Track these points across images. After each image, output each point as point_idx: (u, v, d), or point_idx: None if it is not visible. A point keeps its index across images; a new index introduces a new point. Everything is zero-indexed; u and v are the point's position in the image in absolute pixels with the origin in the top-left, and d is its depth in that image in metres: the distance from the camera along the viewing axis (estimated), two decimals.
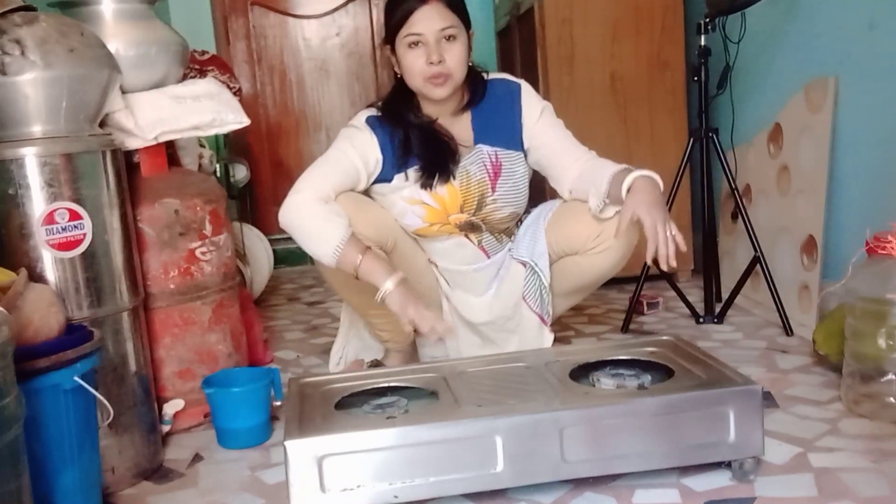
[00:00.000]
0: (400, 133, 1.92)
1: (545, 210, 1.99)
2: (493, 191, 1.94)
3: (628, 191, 1.73)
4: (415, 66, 1.84)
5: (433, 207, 1.94)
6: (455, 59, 1.84)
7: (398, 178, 1.93)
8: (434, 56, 1.81)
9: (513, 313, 2.02)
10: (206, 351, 1.95)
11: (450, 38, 1.83)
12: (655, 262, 1.66)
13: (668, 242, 1.65)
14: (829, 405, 1.79)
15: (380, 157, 1.91)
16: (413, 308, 1.75)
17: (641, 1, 2.89)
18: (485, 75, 1.98)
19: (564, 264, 1.95)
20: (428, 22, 1.81)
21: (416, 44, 1.83)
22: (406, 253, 2.00)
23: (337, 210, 1.83)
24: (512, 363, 1.69)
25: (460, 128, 1.95)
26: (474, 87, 1.95)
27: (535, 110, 1.95)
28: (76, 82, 1.56)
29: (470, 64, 1.91)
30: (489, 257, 2.03)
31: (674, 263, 1.66)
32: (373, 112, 1.94)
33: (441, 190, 1.92)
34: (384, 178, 1.93)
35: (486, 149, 1.94)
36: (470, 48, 1.90)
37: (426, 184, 1.91)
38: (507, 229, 2.05)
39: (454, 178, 1.93)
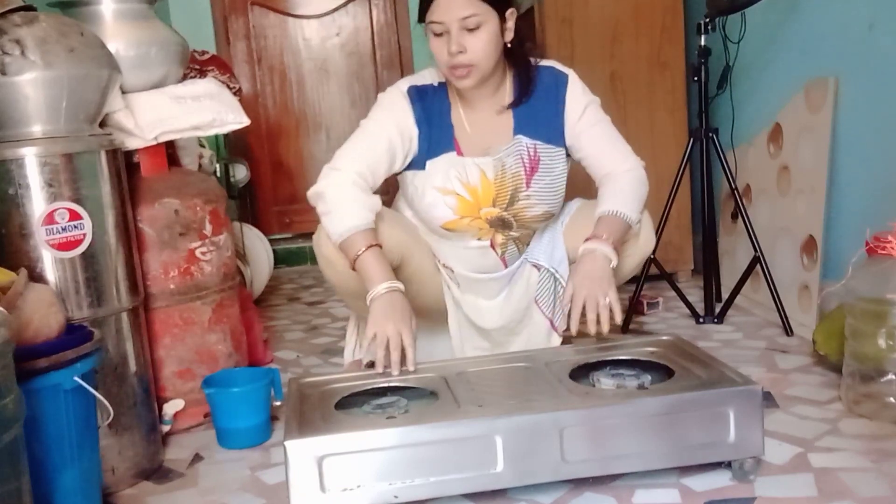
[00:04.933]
0: (437, 111, 1.86)
1: (563, 212, 1.96)
2: (528, 186, 1.85)
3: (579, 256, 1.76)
4: (439, 56, 1.76)
5: (465, 199, 1.84)
6: (479, 49, 1.73)
7: (430, 165, 1.85)
8: (454, 46, 1.72)
9: (522, 316, 1.99)
10: (206, 351, 1.95)
11: (473, 27, 1.72)
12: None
13: (598, 318, 1.69)
14: (829, 405, 1.79)
15: (415, 132, 1.85)
16: (392, 326, 1.62)
17: (641, 1, 2.89)
18: (534, 61, 1.88)
19: None
20: (449, 10, 1.71)
21: (439, 33, 1.74)
22: (414, 259, 1.93)
23: (370, 204, 1.77)
24: (512, 363, 1.69)
25: (494, 123, 1.87)
26: (521, 81, 1.86)
27: (578, 105, 1.87)
28: (76, 82, 1.56)
29: (509, 45, 1.79)
30: (506, 267, 1.97)
31: (605, 329, 1.69)
32: (417, 82, 1.87)
33: (474, 180, 1.84)
34: (417, 164, 1.86)
35: (525, 141, 1.85)
36: (505, 32, 1.77)
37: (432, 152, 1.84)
38: (529, 236, 1.97)
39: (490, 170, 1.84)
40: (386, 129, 1.83)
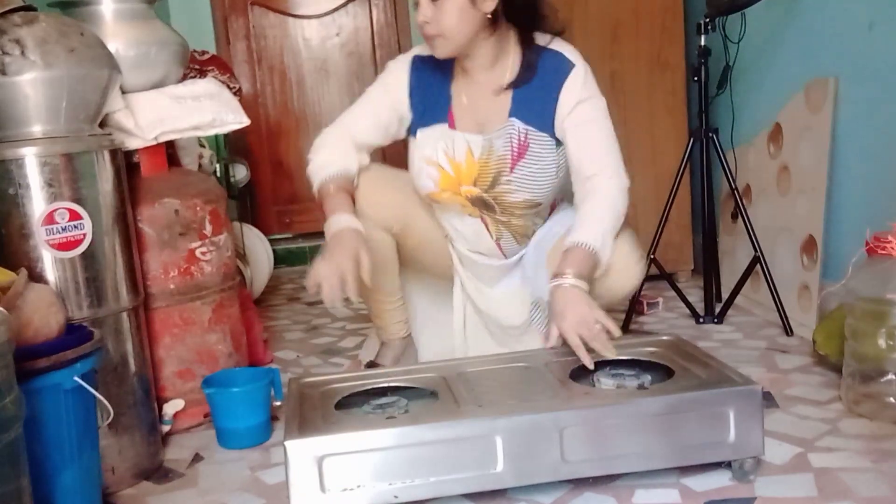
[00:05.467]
0: (438, 81, 1.85)
1: (550, 234, 1.89)
2: (511, 171, 1.81)
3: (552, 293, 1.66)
4: (418, 27, 1.75)
5: (447, 173, 1.84)
6: (443, 20, 1.69)
7: (421, 134, 1.87)
8: (419, 16, 1.71)
9: (519, 332, 1.98)
10: (206, 351, 1.95)
11: None
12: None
13: (596, 340, 1.59)
14: (829, 405, 1.79)
15: (407, 100, 1.87)
16: (340, 258, 1.65)
17: (641, 1, 2.89)
18: (545, 42, 1.80)
19: None
20: None
21: (416, 2, 1.72)
22: (420, 228, 1.95)
23: (351, 153, 1.87)
24: (512, 363, 1.69)
25: (492, 101, 1.83)
26: (525, 62, 1.79)
27: (571, 99, 1.78)
28: (76, 82, 1.56)
29: (490, 16, 1.72)
30: (506, 257, 1.95)
31: (611, 353, 1.59)
32: (425, 51, 1.84)
33: (460, 156, 1.82)
34: (411, 131, 1.90)
35: (518, 125, 1.80)
36: (480, 2, 1.69)
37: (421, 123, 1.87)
38: (525, 227, 1.91)
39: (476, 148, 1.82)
40: (374, 102, 1.91)
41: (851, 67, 2.22)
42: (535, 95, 1.80)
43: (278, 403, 1.87)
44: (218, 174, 3.13)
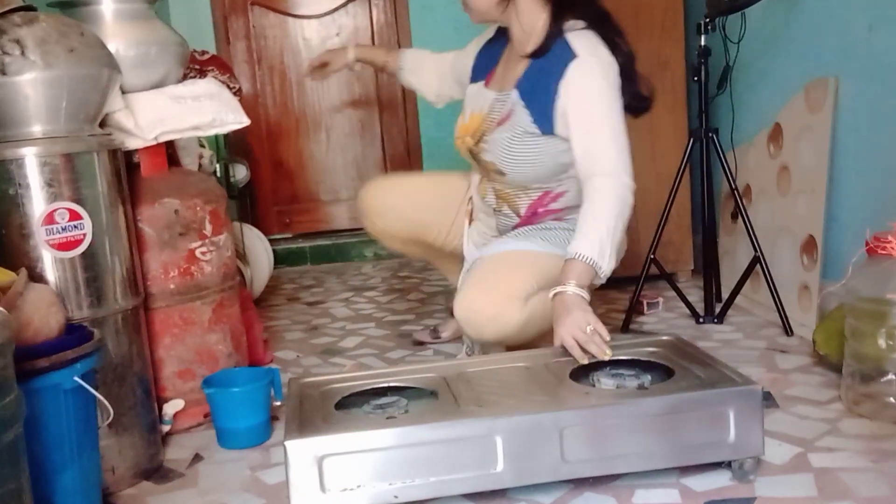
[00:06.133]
0: (497, 48, 2.06)
1: (493, 248, 2.01)
2: (492, 132, 1.96)
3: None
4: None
5: (465, 123, 2.06)
6: None
7: (469, 88, 2.11)
8: None
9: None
10: (206, 351, 1.95)
11: None
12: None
13: (592, 343, 1.63)
14: (829, 405, 1.79)
15: (470, 66, 2.13)
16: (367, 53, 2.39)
17: (641, 1, 2.88)
18: (570, 25, 1.88)
19: None
20: None
21: None
22: (429, 235, 2.23)
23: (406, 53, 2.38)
24: (512, 363, 1.69)
25: (515, 68, 1.96)
26: (546, 40, 1.88)
27: (570, 92, 1.83)
28: (76, 82, 1.56)
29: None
30: (497, 229, 2.08)
31: (605, 355, 1.61)
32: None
33: (477, 110, 2.02)
34: (472, 80, 2.12)
35: (514, 95, 1.92)
36: None
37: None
38: (506, 195, 2.00)
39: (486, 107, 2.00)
40: (449, 56, 2.28)
41: (851, 67, 2.22)
42: (541, 82, 1.88)
43: (278, 403, 1.87)
44: (218, 174, 3.13)
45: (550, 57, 1.86)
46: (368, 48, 2.51)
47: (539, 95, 1.87)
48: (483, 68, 2.09)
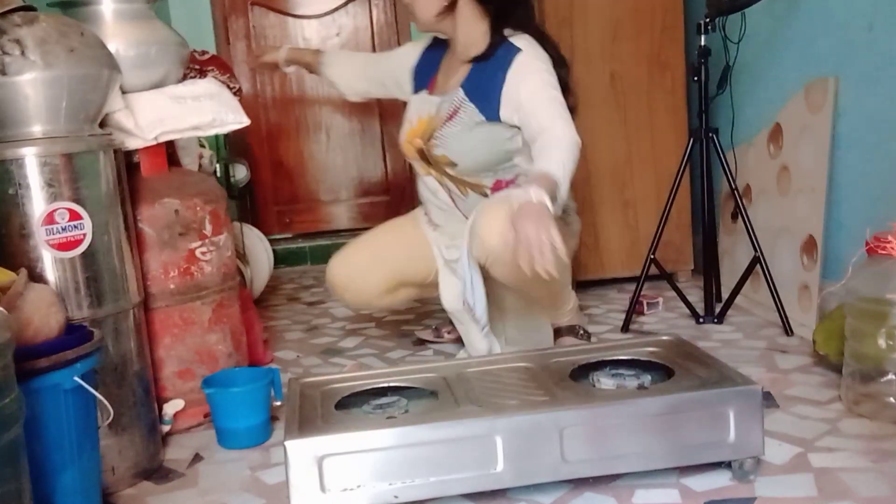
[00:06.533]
0: (436, 56, 2.18)
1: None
2: (440, 129, 2.07)
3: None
4: None
5: (413, 127, 2.16)
6: (413, 5, 2.04)
7: (412, 98, 2.22)
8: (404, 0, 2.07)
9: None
10: (206, 351, 1.95)
11: None
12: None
13: (539, 248, 1.56)
14: (829, 405, 1.79)
15: (410, 71, 2.24)
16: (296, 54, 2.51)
17: (641, 1, 2.89)
18: (508, 33, 2.02)
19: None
20: None
21: None
22: (406, 278, 2.23)
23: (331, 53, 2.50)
24: (512, 363, 1.69)
25: (457, 73, 2.10)
26: (488, 47, 2.03)
27: (516, 80, 1.96)
28: (76, 82, 1.56)
29: (447, 3, 1.99)
30: (458, 208, 2.14)
31: (552, 270, 1.55)
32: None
33: (423, 115, 2.13)
34: (412, 93, 2.24)
35: (460, 94, 2.05)
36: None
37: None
38: (462, 183, 2.10)
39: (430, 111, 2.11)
40: (386, 55, 2.45)
41: (851, 67, 2.22)
42: (485, 74, 2.03)
43: (278, 403, 1.87)
44: (218, 174, 3.13)
45: (495, 59, 2.01)
46: (299, 49, 2.60)
47: (484, 87, 2.01)
48: (424, 77, 2.20)
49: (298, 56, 2.54)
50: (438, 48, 2.18)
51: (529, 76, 1.96)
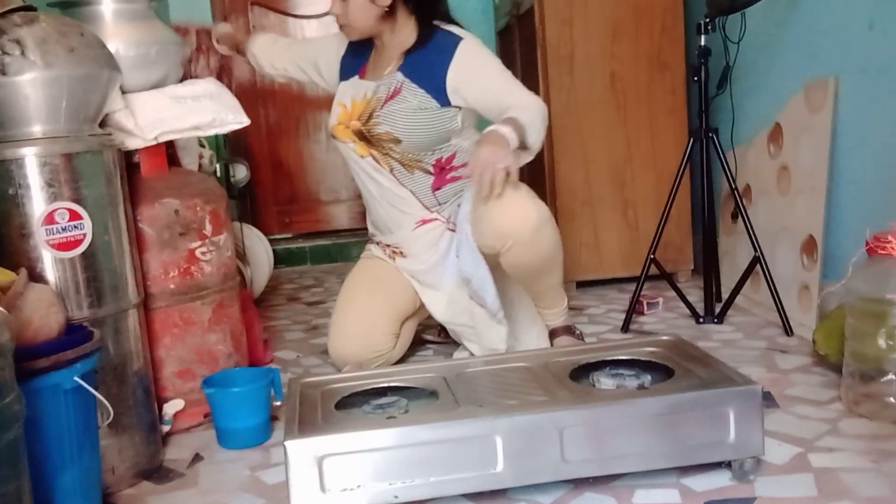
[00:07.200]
0: (363, 48, 2.22)
1: (463, 198, 2.10)
2: (381, 109, 2.12)
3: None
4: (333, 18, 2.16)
5: (346, 110, 2.20)
6: (348, 14, 2.08)
7: (341, 84, 2.26)
8: (331, 8, 2.11)
9: (469, 318, 2.14)
10: (206, 351, 1.95)
11: None
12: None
13: (492, 166, 1.80)
14: (829, 405, 1.79)
15: (337, 63, 2.29)
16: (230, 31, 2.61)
17: (641, 1, 2.89)
18: (440, 25, 2.13)
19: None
20: None
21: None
22: (399, 306, 2.25)
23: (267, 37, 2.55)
24: (512, 363, 1.69)
25: (390, 61, 2.16)
26: (420, 36, 2.12)
27: (464, 66, 2.06)
28: (76, 82, 1.56)
29: (387, 9, 2.06)
30: (404, 186, 2.17)
31: (497, 187, 1.81)
32: None
33: (357, 98, 2.17)
34: (339, 81, 2.28)
35: (399, 76, 2.12)
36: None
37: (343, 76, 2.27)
38: (404, 157, 2.14)
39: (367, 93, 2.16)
40: (316, 42, 2.51)
41: (851, 67, 2.22)
42: (424, 59, 2.11)
43: (278, 403, 1.87)
44: (218, 174, 3.13)
45: (433, 44, 2.10)
46: (232, 33, 2.65)
47: (427, 71, 2.09)
48: (352, 67, 2.25)
49: (231, 37, 2.61)
50: (362, 43, 2.22)
51: (480, 64, 2.07)
